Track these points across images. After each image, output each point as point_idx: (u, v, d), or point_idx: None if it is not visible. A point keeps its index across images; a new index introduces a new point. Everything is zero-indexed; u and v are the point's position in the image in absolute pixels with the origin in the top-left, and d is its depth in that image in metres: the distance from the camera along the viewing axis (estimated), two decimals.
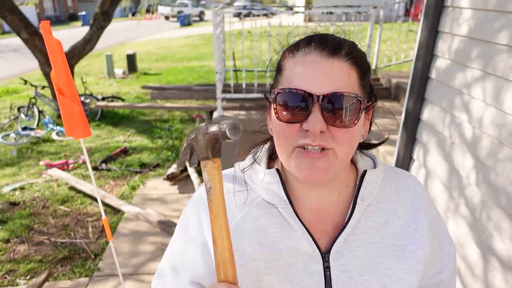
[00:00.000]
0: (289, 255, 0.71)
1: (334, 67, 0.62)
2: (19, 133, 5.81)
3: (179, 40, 18.00)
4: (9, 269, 3.05)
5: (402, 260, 0.72)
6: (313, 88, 0.61)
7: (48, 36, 1.36)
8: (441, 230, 0.80)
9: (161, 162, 5.06)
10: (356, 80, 0.64)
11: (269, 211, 0.72)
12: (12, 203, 4.05)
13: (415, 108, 2.25)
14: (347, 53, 0.63)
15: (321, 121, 0.60)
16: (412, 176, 0.81)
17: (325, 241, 0.72)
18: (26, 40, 6.05)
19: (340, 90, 0.61)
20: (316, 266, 0.70)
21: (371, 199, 0.73)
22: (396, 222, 0.74)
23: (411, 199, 0.76)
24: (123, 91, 8.92)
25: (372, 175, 0.74)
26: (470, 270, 1.78)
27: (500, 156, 1.58)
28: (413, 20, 8.16)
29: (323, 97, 0.60)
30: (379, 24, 5.83)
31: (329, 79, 0.61)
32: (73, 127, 1.50)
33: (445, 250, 0.80)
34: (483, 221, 1.69)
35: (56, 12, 33.46)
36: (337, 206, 0.74)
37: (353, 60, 0.64)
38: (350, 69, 0.63)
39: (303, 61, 0.63)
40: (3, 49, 15.78)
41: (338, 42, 0.64)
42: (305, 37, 0.66)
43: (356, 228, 0.72)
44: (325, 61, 0.62)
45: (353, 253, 0.71)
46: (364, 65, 0.67)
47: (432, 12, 2.05)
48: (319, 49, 0.63)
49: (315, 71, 0.61)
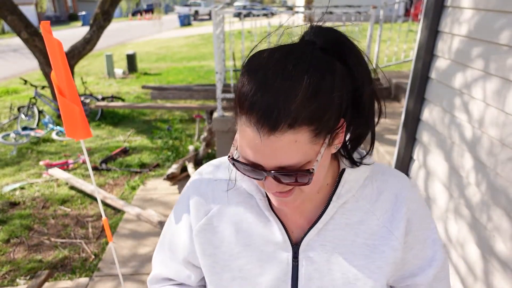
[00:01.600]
0: (262, 242, 0.76)
1: (275, 145, 0.57)
2: (19, 133, 5.81)
3: (179, 40, 18.00)
4: (9, 269, 3.05)
5: (371, 260, 0.74)
6: (262, 161, 0.60)
7: (48, 36, 1.35)
8: (427, 237, 0.78)
9: (161, 162, 5.06)
10: (307, 139, 0.58)
11: (249, 200, 0.77)
12: (12, 203, 4.05)
13: (415, 108, 2.25)
14: (289, 125, 0.56)
15: (278, 186, 0.63)
16: (402, 178, 0.79)
17: (298, 233, 0.76)
18: (26, 40, 6.05)
19: (285, 163, 0.59)
20: (285, 254, 0.75)
21: (348, 197, 0.74)
22: (372, 222, 0.74)
23: (394, 200, 0.76)
24: (123, 91, 8.91)
25: (351, 174, 0.74)
26: (470, 270, 1.78)
27: (500, 156, 1.58)
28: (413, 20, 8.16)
29: (271, 171, 0.60)
30: (379, 24, 5.83)
31: (273, 155, 0.58)
32: (74, 128, 1.50)
33: (427, 257, 0.79)
34: (483, 221, 1.69)
35: (56, 12, 33.44)
36: (314, 203, 0.76)
37: (298, 126, 0.56)
38: (297, 134, 0.57)
39: (246, 131, 0.59)
40: (3, 49, 15.78)
41: (277, 117, 0.55)
42: (252, 95, 0.57)
43: (329, 224, 0.74)
44: (265, 140, 0.57)
45: (323, 247, 0.74)
46: (316, 115, 0.57)
47: (432, 12, 2.05)
48: (259, 125, 0.56)
49: (259, 147, 0.58)
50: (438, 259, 0.79)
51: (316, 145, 0.60)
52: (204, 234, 0.79)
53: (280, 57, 0.59)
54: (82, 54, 6.72)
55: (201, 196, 0.81)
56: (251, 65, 0.61)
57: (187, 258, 0.84)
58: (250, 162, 0.62)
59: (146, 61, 12.86)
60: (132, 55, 11.00)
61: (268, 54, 0.61)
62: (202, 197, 0.80)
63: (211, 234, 0.79)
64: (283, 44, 0.64)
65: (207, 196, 0.80)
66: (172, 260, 0.87)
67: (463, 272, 1.84)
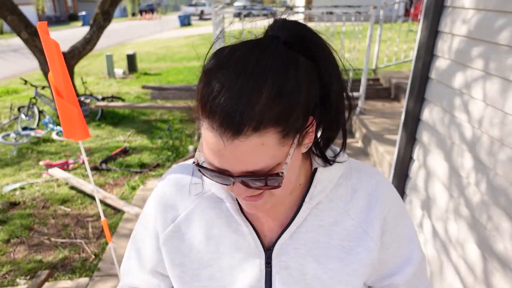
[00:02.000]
0: (233, 248, 0.72)
1: (239, 150, 0.54)
2: (19, 133, 5.81)
3: (179, 40, 18.00)
4: (9, 269, 3.05)
5: (346, 262, 0.71)
6: (228, 166, 0.56)
7: (45, 37, 1.35)
8: (403, 235, 0.76)
9: (161, 162, 5.06)
10: (274, 141, 0.54)
11: (218, 205, 0.73)
12: (12, 203, 4.05)
13: (415, 108, 2.25)
14: (254, 128, 0.52)
15: (246, 191, 0.59)
16: (376, 175, 0.76)
17: (270, 237, 0.73)
18: (26, 40, 6.05)
19: (251, 168, 0.55)
20: (258, 260, 0.72)
21: (322, 198, 0.71)
22: (346, 222, 0.72)
23: (368, 199, 0.73)
24: (123, 91, 8.91)
25: (323, 173, 0.71)
26: (470, 270, 1.78)
27: (500, 156, 1.58)
28: (413, 20, 8.16)
29: (238, 176, 0.57)
30: (379, 24, 5.83)
31: (238, 160, 0.55)
32: (72, 129, 1.49)
33: (405, 255, 0.77)
34: (483, 221, 1.69)
35: (56, 12, 33.45)
36: (287, 204, 0.73)
37: (264, 128, 0.53)
38: (263, 136, 0.53)
39: (209, 136, 0.55)
40: (3, 49, 15.78)
41: (240, 120, 0.52)
42: (213, 97, 0.54)
43: (302, 227, 0.71)
44: (229, 144, 0.54)
45: (297, 251, 0.71)
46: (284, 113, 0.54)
47: (432, 12, 2.05)
48: (222, 129, 0.53)
49: (223, 151, 0.55)
50: (416, 257, 0.78)
51: (285, 147, 0.56)
52: (171, 242, 0.75)
53: (242, 54, 0.55)
54: (82, 54, 6.72)
55: (168, 201, 0.76)
56: (211, 64, 0.57)
57: (155, 268, 0.81)
58: (216, 167, 0.58)
59: (146, 61, 12.85)
60: (132, 55, 11.00)
61: (228, 51, 0.57)
62: (169, 202, 0.76)
63: (179, 241, 0.75)
64: (245, 40, 0.61)
65: (174, 201, 0.76)
66: (140, 270, 0.83)
67: (463, 272, 1.84)
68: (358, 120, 4.48)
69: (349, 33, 6.82)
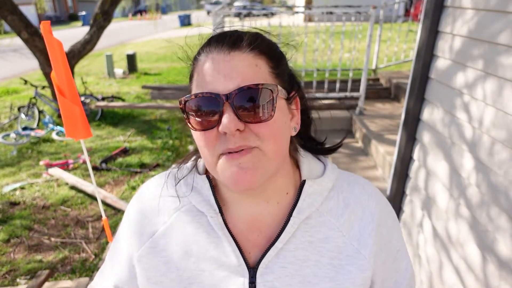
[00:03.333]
0: (214, 266, 0.67)
1: (236, 60, 0.58)
2: (19, 133, 5.81)
3: (179, 40, 17.99)
4: (9, 269, 3.05)
5: (337, 282, 0.66)
6: (219, 87, 0.57)
7: (48, 36, 1.35)
8: (399, 249, 0.74)
9: (161, 162, 5.06)
10: (266, 70, 0.60)
11: (198, 218, 0.69)
12: (12, 203, 4.05)
13: (415, 108, 2.25)
14: (249, 43, 0.59)
15: (235, 120, 0.56)
16: (369, 188, 0.73)
17: (255, 254, 0.67)
18: (26, 40, 6.05)
19: (245, 83, 0.56)
20: (241, 279, 0.65)
21: (311, 212, 0.67)
22: (337, 239, 0.67)
23: (361, 214, 0.69)
24: (123, 91, 8.91)
25: (312, 186, 0.67)
26: (470, 270, 1.78)
27: (500, 156, 1.58)
28: (413, 20, 8.16)
29: (230, 94, 0.56)
30: (379, 24, 5.84)
31: (234, 74, 0.57)
32: (74, 128, 1.49)
33: (402, 269, 0.75)
34: (483, 221, 1.69)
35: (56, 12, 33.46)
36: (274, 217, 0.68)
37: (259, 50, 0.60)
38: (257, 59, 0.59)
39: (205, 62, 0.60)
40: (3, 49, 15.77)
41: (238, 34, 0.61)
42: (209, 38, 0.64)
43: (290, 243, 0.66)
44: (225, 57, 0.58)
45: (284, 270, 0.65)
46: (274, 53, 0.63)
47: (432, 12, 2.05)
48: (219, 46, 0.60)
49: (218, 69, 0.58)
50: (410, 270, 0.76)
51: (276, 86, 0.60)
52: (148, 259, 0.70)
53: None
54: (82, 54, 6.72)
55: (145, 216, 0.72)
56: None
57: (119, 285, 0.76)
58: (207, 93, 0.58)
59: (146, 61, 12.85)
60: (132, 55, 11.00)
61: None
62: (146, 217, 0.72)
63: (156, 258, 0.69)
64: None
65: (151, 215, 0.71)
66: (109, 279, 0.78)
67: (463, 272, 1.84)
68: (358, 120, 4.48)
69: (349, 33, 6.83)
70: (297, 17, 11.41)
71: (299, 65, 5.44)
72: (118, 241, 0.78)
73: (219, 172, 0.60)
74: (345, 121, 4.77)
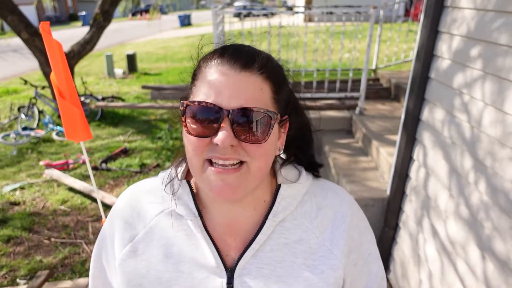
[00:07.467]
0: (194, 268, 0.69)
1: (245, 82, 0.59)
2: (19, 133, 5.81)
3: (179, 40, 17.99)
4: (9, 269, 3.05)
5: (311, 282, 0.69)
6: (223, 102, 0.58)
7: (47, 37, 1.34)
8: (370, 252, 0.77)
9: (161, 162, 5.06)
10: (269, 95, 0.62)
11: (179, 222, 0.71)
12: (12, 203, 4.05)
13: (415, 108, 2.25)
14: (260, 67, 0.61)
15: (231, 136, 0.58)
16: (341, 193, 0.77)
17: (233, 256, 0.71)
18: (26, 40, 6.05)
19: (250, 105, 0.59)
20: (219, 281, 0.68)
21: (286, 215, 0.70)
22: (311, 240, 0.71)
23: (333, 217, 0.73)
24: (123, 91, 8.91)
25: (287, 189, 0.71)
26: (470, 270, 1.78)
27: (500, 156, 1.58)
28: (413, 20, 8.16)
29: (232, 111, 0.58)
30: (379, 24, 5.83)
31: (240, 93, 0.59)
32: (74, 130, 1.49)
33: (373, 273, 0.77)
34: (483, 221, 1.69)
35: (56, 12, 33.46)
36: (251, 221, 0.71)
37: (267, 75, 0.62)
38: (263, 83, 0.61)
39: (215, 72, 0.61)
40: (3, 49, 15.77)
41: (252, 54, 0.62)
42: (220, 47, 0.65)
43: (266, 245, 0.70)
44: (236, 74, 0.59)
45: (260, 270, 0.69)
46: (278, 78, 0.65)
47: (432, 12, 2.05)
48: (232, 61, 0.60)
49: (226, 84, 0.59)
50: (381, 274, 0.78)
51: (274, 112, 0.62)
52: (128, 263, 0.72)
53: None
54: (82, 54, 6.72)
55: (126, 220, 0.74)
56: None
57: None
58: (211, 103, 0.59)
59: (146, 61, 12.85)
60: (132, 55, 11.00)
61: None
62: (127, 221, 0.74)
63: (136, 262, 0.71)
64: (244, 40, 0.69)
65: (132, 220, 0.74)
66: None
67: (463, 272, 1.84)
68: (358, 120, 4.48)
69: (349, 33, 6.82)
70: (297, 17, 11.40)
71: (299, 65, 5.44)
72: (95, 253, 0.81)
73: (203, 180, 0.64)
74: (345, 121, 4.76)
